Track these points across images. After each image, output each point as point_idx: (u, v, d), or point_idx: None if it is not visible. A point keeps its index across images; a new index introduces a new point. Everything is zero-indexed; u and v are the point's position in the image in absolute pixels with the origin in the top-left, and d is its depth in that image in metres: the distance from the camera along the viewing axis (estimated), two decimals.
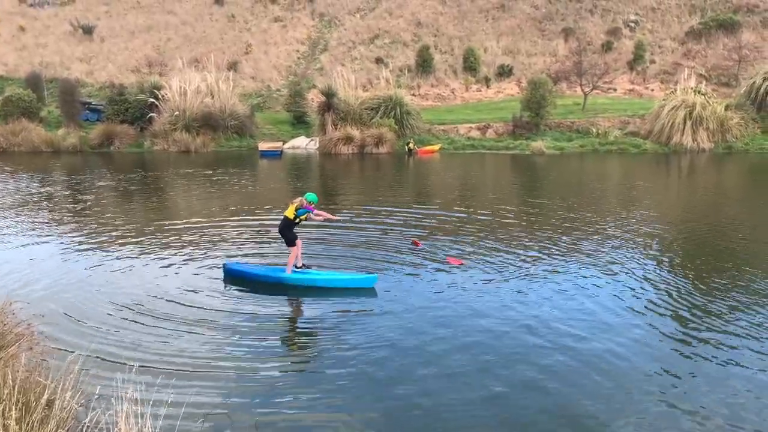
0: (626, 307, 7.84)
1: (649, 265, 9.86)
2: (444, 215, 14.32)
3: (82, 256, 10.56)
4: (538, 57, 45.30)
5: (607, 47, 44.31)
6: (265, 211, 15.04)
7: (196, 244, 11.43)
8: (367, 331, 7.14)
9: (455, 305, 7.96)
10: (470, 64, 44.34)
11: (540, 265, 9.84)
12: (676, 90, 33.11)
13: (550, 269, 9.62)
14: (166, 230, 12.69)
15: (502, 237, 11.91)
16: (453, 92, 43.12)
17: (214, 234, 12.30)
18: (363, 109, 32.93)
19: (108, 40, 51.86)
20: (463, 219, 13.83)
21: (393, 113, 32.79)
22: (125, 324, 7.32)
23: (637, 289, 8.59)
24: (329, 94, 32.65)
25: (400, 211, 14.78)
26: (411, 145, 30.86)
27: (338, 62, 44.79)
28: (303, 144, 33.70)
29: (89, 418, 4.27)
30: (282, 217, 8.95)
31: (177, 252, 10.78)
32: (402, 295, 8.42)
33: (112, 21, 55.59)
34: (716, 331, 7.03)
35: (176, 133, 32.87)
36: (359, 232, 12.33)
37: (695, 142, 30.44)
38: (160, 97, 33.78)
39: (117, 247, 11.21)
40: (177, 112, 33.31)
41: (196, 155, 30.94)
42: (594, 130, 33.02)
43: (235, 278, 9.04)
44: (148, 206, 16.38)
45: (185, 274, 9.45)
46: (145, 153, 32.19)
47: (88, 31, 52.32)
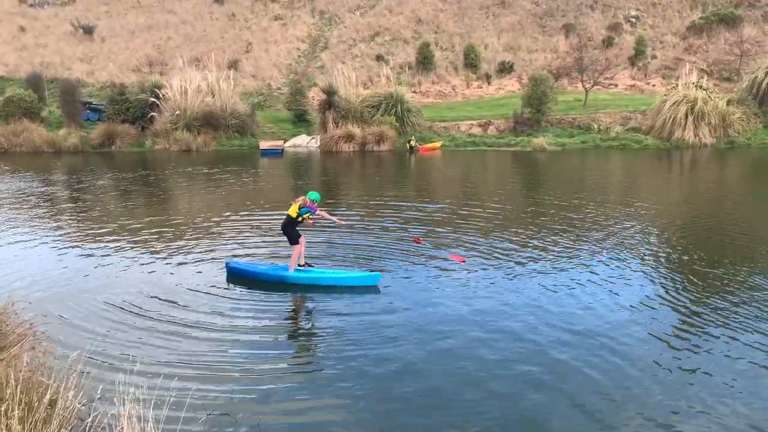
0: (629, 304, 7.83)
1: (652, 261, 9.84)
2: (446, 212, 14.30)
3: (84, 256, 10.58)
4: (538, 53, 45.20)
5: (608, 43, 44.18)
6: (267, 209, 15.04)
7: (198, 243, 11.44)
8: (370, 329, 7.13)
9: (458, 303, 7.95)
10: (471, 61, 44.27)
11: (542, 262, 9.83)
12: (677, 85, 32.97)
13: (553, 266, 9.60)
14: (169, 229, 12.70)
15: (505, 234, 11.89)
16: (454, 89, 43.06)
17: (216, 233, 12.31)
18: (364, 107, 32.89)
19: (108, 39, 51.87)
20: (465, 216, 13.81)
21: (394, 111, 32.75)
22: (127, 323, 7.33)
23: (640, 285, 8.58)
24: (330, 92, 32.62)
25: (401, 208, 14.77)
26: (413, 143, 30.83)
27: (339, 60, 44.75)
28: (304, 142, 33.70)
29: (92, 418, 4.27)
30: (285, 216, 8.96)
31: (179, 251, 10.79)
32: (404, 293, 8.42)
33: (113, 21, 55.59)
34: (718, 326, 7.02)
35: (177, 132, 32.89)
36: (361, 230, 12.33)
37: (697, 138, 30.33)
38: (160, 96, 33.79)
39: (119, 246, 11.23)
40: (178, 112, 33.32)
41: (197, 154, 30.95)
42: (595, 126, 32.93)
43: (238, 277, 9.05)
44: (150, 205, 16.39)
45: (188, 273, 9.45)
46: (146, 152, 32.21)
47: (88, 31, 52.33)
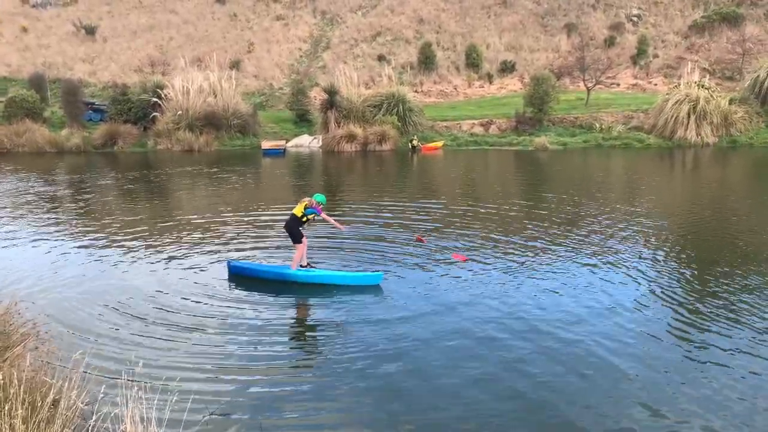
0: (630, 306, 7.82)
1: (654, 262, 9.83)
2: (448, 212, 14.30)
3: (87, 256, 10.60)
4: (540, 53, 45.15)
5: (610, 42, 44.10)
6: (269, 209, 15.06)
7: (200, 243, 11.46)
8: (372, 329, 7.13)
9: (460, 302, 7.95)
10: (473, 61, 44.23)
11: (545, 262, 9.82)
12: (679, 84, 32.89)
13: (555, 266, 9.59)
14: (171, 229, 12.72)
15: (507, 233, 11.89)
16: (456, 89, 43.02)
17: (218, 232, 12.32)
18: (366, 107, 32.89)
19: (110, 40, 51.96)
20: (468, 215, 13.81)
21: (396, 110, 32.74)
22: (130, 323, 7.35)
23: (644, 286, 8.58)
24: (332, 92, 32.64)
25: (404, 207, 14.77)
26: (415, 143, 30.83)
27: (340, 60, 44.75)
28: (306, 142, 33.71)
29: (95, 418, 4.28)
30: (290, 215, 9.01)
31: (181, 251, 10.80)
32: (406, 292, 8.42)
33: (115, 21, 55.68)
34: (718, 327, 7.02)
35: (179, 132, 32.93)
36: (364, 229, 12.34)
37: (699, 137, 30.25)
38: (162, 96, 33.84)
39: (122, 246, 11.25)
40: (180, 112, 33.36)
41: (199, 154, 30.99)
42: (597, 125, 32.89)
43: (240, 276, 9.06)
44: (153, 205, 16.42)
45: (190, 273, 9.47)
46: (148, 152, 32.26)
47: (90, 31, 52.43)
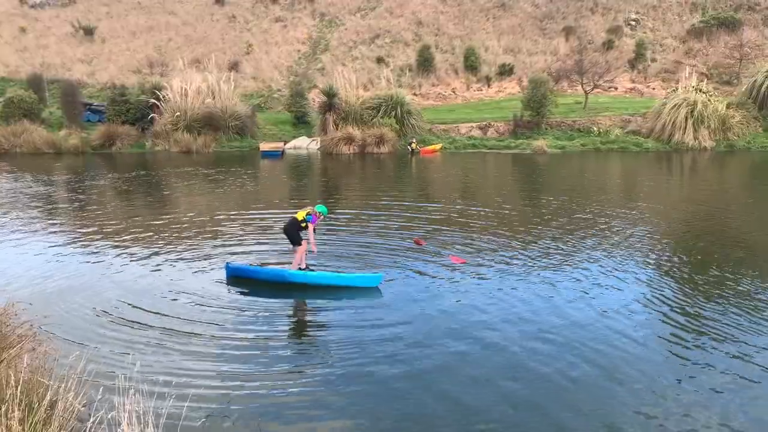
0: (624, 310, 7.85)
1: (649, 266, 9.86)
2: (446, 214, 14.31)
3: (84, 257, 10.58)
4: (539, 56, 45.22)
5: (608, 46, 44.20)
6: (268, 211, 15.04)
7: (198, 244, 11.44)
8: (370, 330, 7.14)
9: (458, 304, 7.96)
10: (471, 63, 44.28)
11: (542, 265, 9.83)
12: (677, 88, 33.00)
13: (552, 269, 9.61)
14: (169, 231, 12.69)
15: (505, 236, 11.90)
16: (454, 91, 43.06)
17: (216, 234, 12.31)
18: (364, 109, 32.88)
19: (109, 40, 51.91)
20: (466, 218, 13.82)
21: (394, 113, 32.73)
22: (128, 325, 7.33)
23: (638, 290, 8.61)
24: (330, 94, 32.62)
25: (402, 210, 14.77)
26: (414, 145, 30.84)
27: (339, 62, 44.77)
28: (304, 144, 33.69)
29: (92, 419, 4.27)
30: (290, 218, 9.13)
31: (179, 252, 10.79)
32: (404, 295, 8.42)
33: (113, 22, 55.64)
34: (712, 332, 7.04)
35: (178, 133, 32.86)
36: (362, 231, 12.34)
37: (697, 141, 30.33)
38: (161, 97, 33.77)
39: (119, 247, 11.23)
40: (178, 113, 33.31)
41: (197, 156, 30.95)
42: (595, 128, 32.96)
43: (238, 278, 9.05)
44: (150, 207, 16.39)
45: (188, 274, 9.45)
46: (146, 154, 32.20)
47: (89, 32, 52.36)
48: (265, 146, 32.11)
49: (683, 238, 11.81)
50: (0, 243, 11.68)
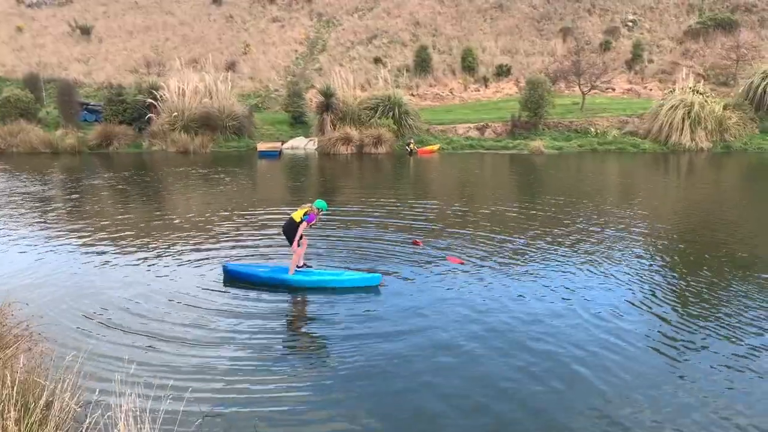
0: (619, 312, 7.86)
1: (645, 266, 9.88)
2: (444, 215, 14.31)
3: (80, 257, 10.55)
4: (536, 57, 45.29)
5: (606, 47, 44.29)
6: (265, 211, 15.02)
7: (196, 244, 11.42)
8: (368, 330, 7.13)
9: (455, 305, 7.96)
10: (468, 64, 44.31)
11: (540, 265, 9.85)
12: (674, 89, 33.09)
13: (550, 269, 9.62)
14: (166, 231, 12.67)
15: (503, 236, 11.91)
16: (451, 92, 43.08)
17: (213, 234, 12.29)
18: (361, 109, 32.87)
19: (106, 40, 51.79)
20: (464, 218, 13.83)
21: (391, 113, 32.75)
22: (124, 325, 7.31)
23: (635, 290, 8.63)
24: (328, 94, 32.62)
25: (400, 210, 14.78)
26: (412, 146, 30.85)
27: (336, 62, 44.76)
28: (302, 144, 33.66)
29: (88, 420, 4.26)
30: (288, 218, 9.10)
31: (176, 252, 10.77)
32: (402, 296, 8.42)
33: (110, 21, 55.51)
34: (708, 332, 7.06)
35: (175, 133, 32.78)
36: (360, 231, 12.33)
37: (693, 142, 30.42)
38: (158, 97, 33.71)
39: (116, 247, 11.20)
40: (175, 113, 33.24)
41: (194, 156, 30.90)
42: (592, 129, 33.02)
43: (235, 279, 9.03)
44: (147, 207, 16.36)
45: (185, 274, 9.43)
46: (143, 154, 32.14)
47: (86, 31, 52.22)
48: (262, 146, 32.07)
49: (676, 240, 11.82)
50: None
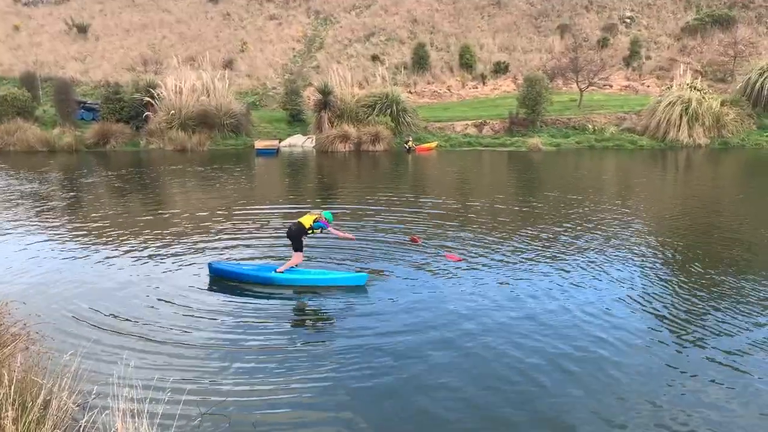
0: (621, 305, 7.88)
1: (641, 263, 9.89)
2: (442, 212, 14.31)
3: (77, 255, 10.53)
4: (534, 54, 45.27)
5: (603, 43, 44.29)
6: (262, 209, 15.01)
7: (193, 243, 11.41)
8: (366, 330, 7.12)
9: (453, 303, 7.96)
10: (466, 61, 44.27)
11: (538, 263, 9.86)
12: (671, 86, 33.12)
13: (548, 267, 9.63)
14: (163, 229, 12.65)
15: (501, 234, 11.91)
16: (449, 89, 43.05)
17: (212, 233, 12.27)
18: (359, 107, 32.84)
19: (103, 38, 51.64)
20: (461, 216, 13.84)
21: (389, 111, 32.72)
22: (122, 323, 7.30)
23: (630, 287, 8.64)
24: (325, 92, 32.57)
25: (398, 207, 14.77)
26: (410, 143, 30.84)
27: (334, 60, 44.68)
28: (299, 142, 33.63)
29: (86, 419, 4.25)
30: (295, 223, 9.01)
31: (174, 252, 10.75)
32: (400, 292, 8.41)
33: (107, 19, 55.34)
34: (707, 329, 7.07)
35: (172, 131, 32.73)
36: (358, 228, 12.31)
37: (691, 138, 30.45)
38: (155, 95, 33.64)
39: (114, 245, 11.18)
40: (173, 111, 33.18)
41: (192, 154, 30.86)
42: (590, 126, 33.03)
43: (222, 278, 8.99)
44: (143, 205, 16.32)
45: (183, 273, 9.42)
46: (141, 152, 32.08)
47: (82, 29, 52.06)
48: (260, 144, 32.03)
49: (673, 236, 11.83)
50: None
